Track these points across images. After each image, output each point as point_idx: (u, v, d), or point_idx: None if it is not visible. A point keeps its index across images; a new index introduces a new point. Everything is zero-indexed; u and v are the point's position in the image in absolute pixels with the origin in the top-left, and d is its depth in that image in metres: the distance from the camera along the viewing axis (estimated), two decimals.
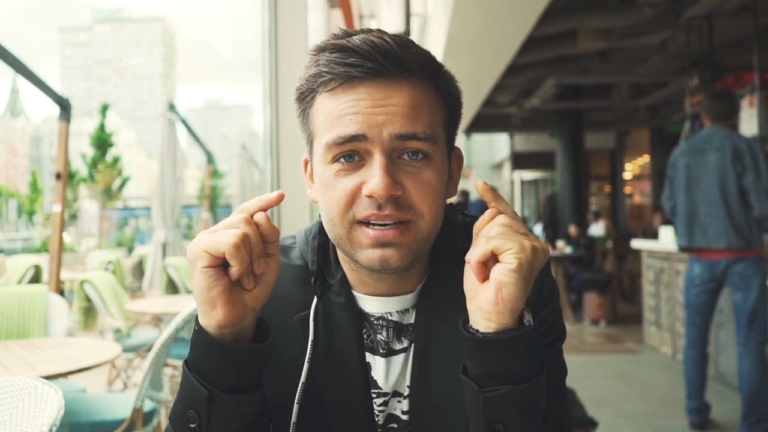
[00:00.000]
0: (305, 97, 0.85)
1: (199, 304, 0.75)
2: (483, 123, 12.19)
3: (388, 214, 0.78)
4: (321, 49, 0.82)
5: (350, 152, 0.80)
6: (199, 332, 0.76)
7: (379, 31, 0.82)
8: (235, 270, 0.73)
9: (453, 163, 0.92)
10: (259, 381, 0.79)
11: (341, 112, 0.79)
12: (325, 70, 0.80)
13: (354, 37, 0.80)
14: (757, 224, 3.62)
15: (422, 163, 0.81)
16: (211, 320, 0.75)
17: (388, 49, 0.78)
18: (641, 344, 6.40)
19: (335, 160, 0.81)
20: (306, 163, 0.93)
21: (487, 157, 17.44)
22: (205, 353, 0.75)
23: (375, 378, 0.91)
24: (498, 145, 16.46)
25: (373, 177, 0.78)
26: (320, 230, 0.95)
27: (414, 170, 0.80)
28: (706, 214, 3.72)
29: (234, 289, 0.75)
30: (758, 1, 5.50)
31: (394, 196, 0.79)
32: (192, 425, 0.75)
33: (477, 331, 0.76)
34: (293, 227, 2.75)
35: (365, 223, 0.80)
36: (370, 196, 0.78)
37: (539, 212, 14.67)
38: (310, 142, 0.87)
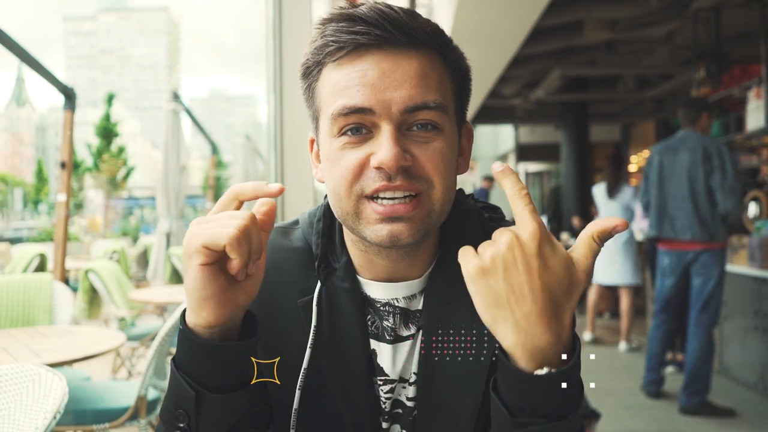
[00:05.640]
0: (311, 72, 0.83)
1: (190, 302, 0.73)
2: (488, 114, 12.13)
3: (398, 185, 0.77)
4: (327, 21, 0.80)
5: (357, 125, 0.78)
6: (185, 331, 0.74)
7: (385, 3, 0.80)
8: (236, 263, 0.70)
9: (463, 137, 0.89)
10: (248, 378, 0.77)
11: (348, 83, 0.78)
12: (332, 39, 0.78)
13: (361, 7, 0.78)
14: (720, 220, 3.98)
15: (432, 134, 0.79)
16: (201, 319, 0.73)
17: (395, 17, 0.77)
18: (644, 336, 6.39)
19: (342, 132, 0.79)
20: (312, 142, 0.91)
21: (491, 148, 17.38)
22: (191, 352, 0.73)
23: (381, 365, 0.90)
24: (503, 136, 16.40)
25: (382, 147, 0.76)
26: (325, 213, 0.93)
27: (423, 140, 0.79)
28: (675, 207, 4.08)
29: (228, 289, 0.73)
30: None
31: (404, 167, 0.76)
32: (181, 425, 0.74)
33: (512, 361, 0.69)
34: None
35: (373, 198, 0.78)
36: (379, 168, 0.76)
37: (543, 204, 14.63)
38: (316, 119, 0.85)
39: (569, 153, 10.29)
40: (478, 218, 0.94)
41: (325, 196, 0.94)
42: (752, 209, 5.22)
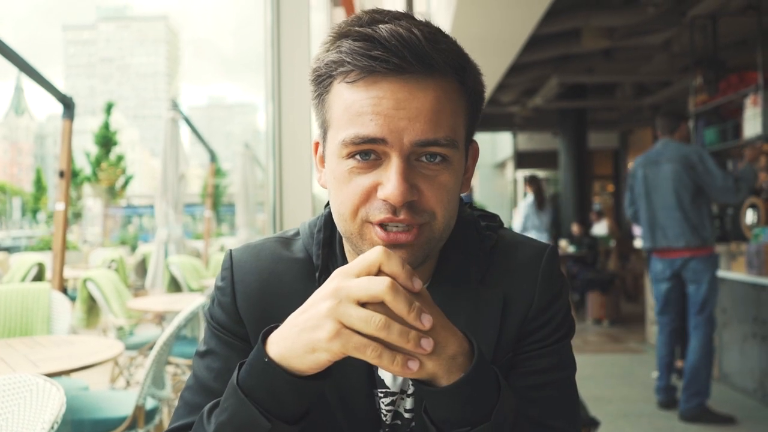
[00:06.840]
0: (322, 81, 0.81)
1: (305, 347, 0.68)
2: (486, 122, 12.16)
3: (402, 218, 0.76)
4: (344, 35, 0.77)
5: (367, 151, 0.77)
6: (270, 364, 0.70)
7: (407, 20, 0.77)
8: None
9: (469, 158, 0.89)
10: (309, 406, 0.76)
11: (361, 109, 0.76)
12: (348, 59, 0.76)
13: (381, 26, 0.75)
14: (711, 224, 4.12)
15: (440, 167, 0.78)
16: (308, 362, 0.69)
17: (416, 44, 0.74)
18: (643, 344, 6.39)
19: (351, 156, 0.78)
20: (317, 146, 0.90)
21: (490, 156, 17.40)
22: (274, 386, 0.70)
23: (382, 377, 0.90)
24: (501, 144, 16.43)
25: (390, 181, 0.75)
26: (326, 223, 0.93)
27: (431, 173, 0.78)
28: (665, 217, 4.19)
29: None
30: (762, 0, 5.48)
31: (410, 201, 0.76)
32: None
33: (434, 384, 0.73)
34: (295, 225, 2.75)
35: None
36: (385, 200, 0.76)
37: None
38: (324, 129, 0.84)
39: (568, 160, 10.31)
40: (476, 228, 0.94)
41: (326, 205, 0.94)
42: (750, 216, 5.22)
